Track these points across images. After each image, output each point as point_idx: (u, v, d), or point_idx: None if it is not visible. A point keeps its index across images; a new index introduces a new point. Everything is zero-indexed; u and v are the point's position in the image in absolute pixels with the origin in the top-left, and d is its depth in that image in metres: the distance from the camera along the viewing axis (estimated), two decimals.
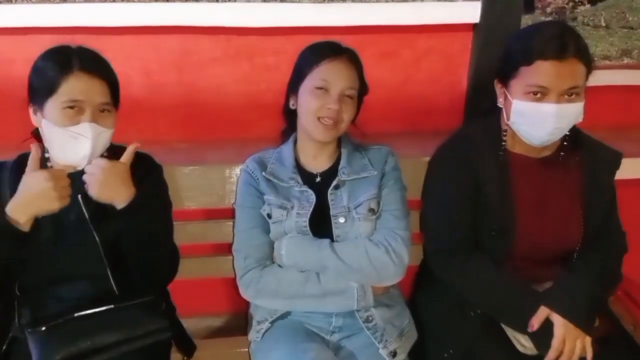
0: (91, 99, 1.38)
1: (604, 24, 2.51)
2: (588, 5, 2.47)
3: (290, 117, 1.70)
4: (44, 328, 1.35)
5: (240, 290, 1.60)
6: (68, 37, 1.49)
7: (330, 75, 1.53)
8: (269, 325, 1.59)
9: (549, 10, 2.45)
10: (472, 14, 2.22)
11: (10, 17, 2.00)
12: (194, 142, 2.24)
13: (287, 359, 1.44)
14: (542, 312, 1.45)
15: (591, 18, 2.48)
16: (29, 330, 1.36)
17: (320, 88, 1.54)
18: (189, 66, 2.20)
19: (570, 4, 2.43)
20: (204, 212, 1.94)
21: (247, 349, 1.66)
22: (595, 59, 2.51)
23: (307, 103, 1.55)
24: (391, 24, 2.19)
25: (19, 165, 1.47)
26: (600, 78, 2.43)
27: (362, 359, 1.52)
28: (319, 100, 1.53)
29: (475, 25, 2.27)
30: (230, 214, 1.87)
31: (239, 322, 2.14)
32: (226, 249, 1.89)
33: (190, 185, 1.82)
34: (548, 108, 1.43)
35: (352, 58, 1.60)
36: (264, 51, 2.22)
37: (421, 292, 1.77)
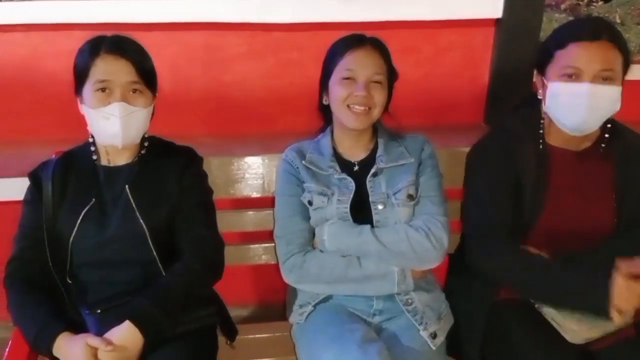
0: (118, 78, 1.42)
1: (618, 21, 2.51)
2: (602, 2, 2.48)
3: (326, 113, 1.74)
4: (99, 311, 1.42)
5: (283, 275, 1.64)
6: (98, 33, 1.53)
7: (354, 64, 1.56)
8: (312, 308, 1.63)
9: (563, 7, 2.46)
10: (494, 9, 2.25)
11: (42, 13, 2.07)
12: (219, 135, 2.29)
13: (335, 339, 1.47)
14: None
15: (606, 15, 2.49)
16: (87, 312, 1.43)
17: (347, 78, 1.57)
18: (215, 62, 2.25)
19: (585, 0, 2.43)
20: (230, 201, 1.99)
21: (287, 333, 1.71)
22: None
23: (336, 94, 1.58)
24: (413, 19, 2.22)
25: (63, 161, 1.54)
26: None
27: (404, 340, 1.55)
28: (347, 89, 1.56)
29: (497, 20, 2.29)
30: (256, 203, 1.94)
31: (268, 308, 2.18)
32: (252, 237, 1.95)
33: (218, 175, 1.88)
34: (581, 87, 1.46)
35: (376, 45, 1.62)
36: (288, 47, 2.26)
37: (454, 279, 1.80)
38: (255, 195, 1.95)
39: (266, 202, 1.93)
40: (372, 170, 1.63)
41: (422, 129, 2.23)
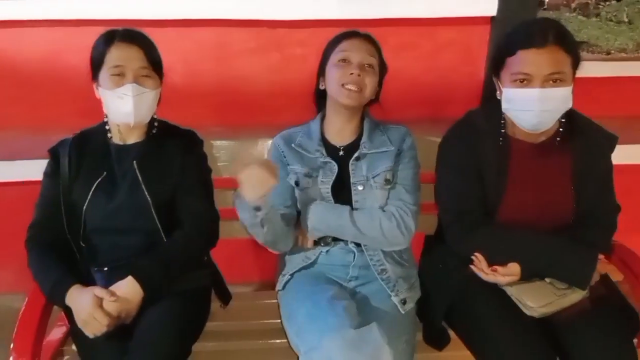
0: (130, 63, 1.59)
1: (626, 20, 2.59)
2: (613, 2, 2.56)
3: (320, 98, 1.88)
4: (106, 268, 1.62)
5: None
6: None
7: (349, 48, 1.71)
8: (289, 277, 1.78)
9: (573, 5, 2.55)
10: (489, 7, 2.35)
11: (63, 11, 2.26)
12: (227, 126, 2.44)
13: (309, 296, 1.62)
14: None
15: (614, 14, 2.57)
16: (95, 269, 1.64)
17: (343, 60, 1.71)
18: (224, 56, 2.40)
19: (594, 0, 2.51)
20: (233, 181, 2.11)
21: (276, 300, 1.84)
22: (613, 51, 2.61)
23: (332, 75, 1.73)
24: (412, 17, 2.34)
25: (78, 139, 1.71)
26: (617, 69, 2.58)
27: (374, 302, 1.69)
28: (342, 69, 1.70)
29: (492, 18, 2.39)
30: None
31: (266, 284, 2.32)
32: None
33: (222, 157, 2.05)
34: (532, 92, 1.54)
35: (369, 38, 1.76)
36: (292, 43, 2.40)
37: (427, 256, 1.93)
38: None
39: None
40: (355, 155, 1.75)
41: (419, 121, 2.35)
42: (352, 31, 1.77)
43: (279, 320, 1.76)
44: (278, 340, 1.74)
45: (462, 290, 1.68)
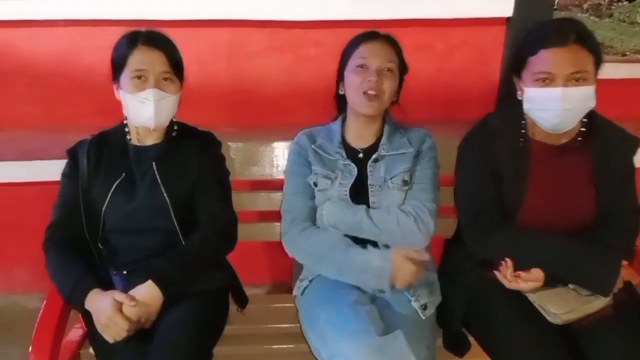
0: (153, 68, 1.59)
1: (639, 21, 2.57)
2: (625, 2, 2.54)
3: (340, 102, 1.87)
4: (125, 271, 1.62)
5: (284, 245, 1.78)
6: (133, 29, 1.67)
7: (367, 53, 1.69)
8: (308, 283, 1.77)
9: (585, 6, 2.53)
10: (505, 8, 2.33)
11: (80, 10, 2.26)
12: (241, 126, 2.43)
13: (330, 300, 1.61)
14: None
15: (627, 15, 2.55)
16: (115, 272, 1.63)
17: (361, 66, 1.70)
18: (238, 57, 2.40)
19: (607, 0, 2.49)
20: (250, 182, 2.13)
21: (293, 304, 1.84)
22: (628, 52, 2.59)
23: (350, 82, 1.72)
24: (426, 17, 2.33)
25: (97, 140, 1.72)
26: (635, 71, 2.56)
27: (395, 307, 1.66)
28: (360, 76, 1.69)
29: (507, 19, 2.38)
30: (273, 185, 2.08)
31: (279, 286, 2.34)
32: (266, 215, 2.09)
33: (236, 159, 2.05)
34: (554, 92, 1.54)
35: (388, 40, 1.75)
36: (306, 43, 2.40)
37: (447, 260, 1.92)
38: (269, 177, 2.11)
39: (279, 184, 2.04)
40: (374, 156, 1.75)
41: (433, 122, 2.34)
42: (370, 33, 1.75)
43: (297, 325, 1.75)
44: (297, 345, 1.74)
45: (480, 293, 1.68)
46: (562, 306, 1.57)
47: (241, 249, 1.81)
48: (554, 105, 1.54)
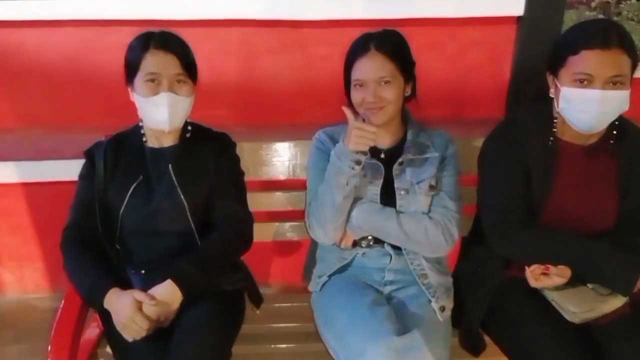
0: (166, 71, 1.57)
1: None
2: (634, 1, 2.54)
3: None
4: (143, 271, 1.62)
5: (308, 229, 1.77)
6: (143, 29, 1.66)
7: (361, 74, 1.67)
8: (327, 279, 1.77)
9: (593, 5, 2.53)
10: (516, 7, 2.34)
11: (87, 10, 2.26)
12: (251, 125, 2.44)
13: (348, 301, 1.62)
14: None
15: (635, 13, 2.55)
16: (133, 272, 1.63)
17: (359, 85, 1.69)
18: (248, 56, 2.40)
19: None
20: (260, 183, 2.13)
21: (307, 303, 1.84)
22: (638, 52, 2.59)
23: (353, 97, 1.72)
24: (437, 16, 2.33)
25: (114, 142, 1.71)
26: None
27: (412, 307, 1.67)
28: (359, 94, 1.68)
29: (519, 18, 2.38)
30: (283, 185, 2.08)
31: (292, 286, 2.34)
32: (280, 215, 2.09)
33: (249, 159, 2.03)
34: (593, 93, 1.52)
35: (380, 46, 1.67)
36: (316, 42, 2.40)
37: (464, 259, 1.92)
38: (282, 177, 2.10)
39: (292, 185, 2.08)
40: (400, 159, 1.75)
41: (444, 121, 2.35)
42: (362, 45, 1.68)
43: (312, 324, 1.76)
44: (312, 344, 1.73)
45: (500, 292, 1.68)
46: (581, 305, 1.57)
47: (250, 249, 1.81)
48: (591, 107, 1.54)
